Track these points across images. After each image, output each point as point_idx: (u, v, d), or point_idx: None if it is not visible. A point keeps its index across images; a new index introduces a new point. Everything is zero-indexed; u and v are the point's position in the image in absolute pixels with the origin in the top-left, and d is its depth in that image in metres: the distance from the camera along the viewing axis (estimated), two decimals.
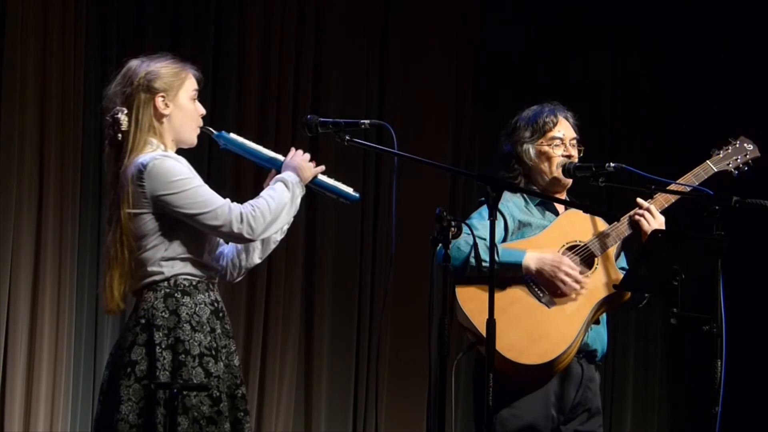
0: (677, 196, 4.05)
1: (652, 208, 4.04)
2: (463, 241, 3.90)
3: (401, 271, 5.83)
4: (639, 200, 4.06)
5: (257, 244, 3.77)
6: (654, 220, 4.02)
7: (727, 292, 3.77)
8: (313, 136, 3.75)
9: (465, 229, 3.50)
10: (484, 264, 3.85)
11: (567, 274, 3.94)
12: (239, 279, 3.84)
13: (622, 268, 4.11)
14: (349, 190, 3.78)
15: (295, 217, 3.66)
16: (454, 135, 6.88)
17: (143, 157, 3.51)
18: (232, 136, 3.74)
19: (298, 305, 6.43)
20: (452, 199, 6.82)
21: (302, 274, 6.46)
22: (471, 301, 3.93)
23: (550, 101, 4.26)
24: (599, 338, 4.10)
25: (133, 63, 3.66)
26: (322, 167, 3.73)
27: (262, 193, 3.59)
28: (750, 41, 6.93)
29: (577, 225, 4.09)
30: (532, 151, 4.16)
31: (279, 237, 3.79)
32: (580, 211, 4.11)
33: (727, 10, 6.90)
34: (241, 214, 3.49)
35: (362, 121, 3.69)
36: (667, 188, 4.04)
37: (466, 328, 3.97)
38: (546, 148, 4.15)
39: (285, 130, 6.40)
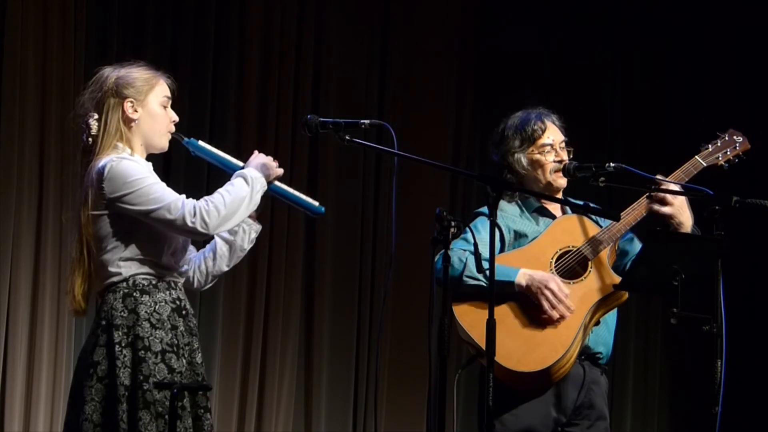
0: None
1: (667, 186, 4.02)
2: (456, 258, 3.90)
3: (401, 271, 5.84)
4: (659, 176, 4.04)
5: (224, 251, 3.78)
6: (674, 199, 3.99)
7: (727, 292, 3.76)
8: (313, 136, 3.74)
9: (457, 241, 3.49)
10: (473, 281, 3.88)
11: (552, 294, 3.92)
12: (208, 287, 3.85)
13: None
14: (314, 202, 3.77)
15: (295, 218, 3.65)
16: (454, 135, 6.88)
17: (103, 161, 3.55)
18: (201, 143, 3.76)
19: (298, 305, 6.43)
20: (452, 199, 6.82)
21: (302, 274, 6.46)
22: (467, 314, 3.92)
23: (535, 106, 4.24)
24: (601, 340, 4.08)
25: (105, 70, 3.70)
26: (281, 170, 3.71)
27: (220, 189, 3.59)
28: (750, 41, 6.93)
29: (570, 230, 4.08)
30: (524, 161, 4.15)
31: (247, 246, 3.81)
32: (573, 216, 4.11)
33: (728, 9, 6.90)
34: (194, 207, 3.49)
35: (362, 121, 3.68)
36: (666, 187, 4.03)
37: (467, 342, 3.97)
38: (537, 156, 4.14)
39: (285, 130, 6.40)
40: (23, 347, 5.67)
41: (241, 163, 3.73)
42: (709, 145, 4.17)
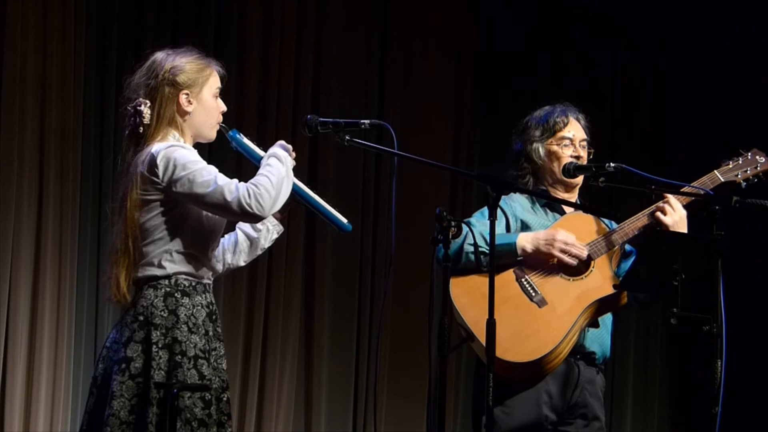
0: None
1: (672, 199, 4.02)
2: None
3: (401, 271, 5.84)
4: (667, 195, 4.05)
5: (245, 247, 3.77)
6: (675, 213, 4.01)
7: (727, 292, 3.76)
8: (313, 136, 3.74)
9: (465, 229, 3.50)
10: (473, 248, 3.86)
11: (564, 244, 3.95)
12: (218, 275, 3.76)
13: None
14: (343, 219, 3.76)
15: (296, 217, 3.64)
16: (454, 135, 6.88)
17: (156, 147, 3.50)
18: (244, 139, 3.72)
19: (298, 305, 6.43)
20: (452, 199, 6.82)
21: (302, 274, 6.46)
22: (464, 296, 3.92)
23: (562, 102, 4.26)
24: (598, 340, 4.08)
25: (159, 55, 3.64)
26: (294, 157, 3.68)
27: (261, 171, 3.55)
28: (751, 40, 6.93)
29: (577, 228, 4.07)
30: (541, 150, 4.16)
31: (267, 245, 3.81)
32: (583, 214, 4.11)
33: (729, 8, 6.90)
34: (248, 190, 3.45)
35: (362, 121, 3.68)
36: (669, 191, 4.03)
37: (459, 324, 3.95)
38: (555, 148, 4.15)
39: (285, 130, 6.40)
40: (23, 347, 5.67)
41: (261, 152, 3.70)
42: (730, 162, 4.15)
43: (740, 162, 4.15)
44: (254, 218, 3.54)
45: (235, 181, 3.49)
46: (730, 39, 6.97)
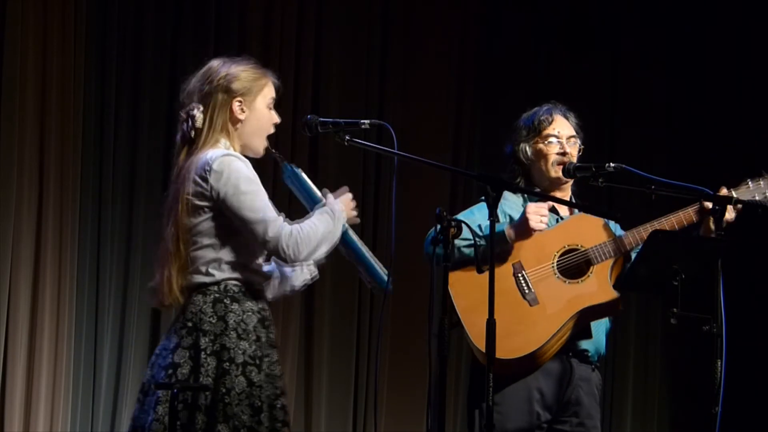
0: (690, 219, 4.02)
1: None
2: None
3: (401, 271, 5.83)
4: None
5: (274, 282, 3.67)
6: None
7: (727, 292, 3.76)
8: (313, 136, 3.74)
9: (465, 229, 3.50)
10: (465, 242, 3.87)
11: (536, 206, 3.96)
12: None
13: None
14: (383, 274, 3.71)
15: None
16: (454, 135, 6.88)
17: (212, 153, 3.47)
18: (300, 171, 3.68)
19: (298, 305, 6.43)
20: (452, 199, 6.81)
21: None
22: (458, 282, 3.91)
23: (550, 101, 4.26)
24: (592, 338, 4.07)
25: (215, 62, 3.63)
26: (358, 219, 3.66)
27: (312, 219, 3.53)
28: (750, 41, 6.93)
29: (585, 230, 4.06)
30: (528, 150, 4.17)
31: (299, 286, 3.65)
32: (591, 216, 4.09)
33: (728, 11, 6.90)
34: (291, 232, 3.44)
35: (362, 121, 3.68)
36: (669, 191, 4.02)
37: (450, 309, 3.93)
38: (541, 146, 4.15)
39: (285, 130, 6.38)
40: (23, 347, 5.67)
41: (320, 195, 3.65)
42: (750, 182, 4.10)
43: (761, 184, 4.06)
44: (283, 260, 3.51)
45: (281, 219, 3.47)
46: (731, 39, 6.97)
